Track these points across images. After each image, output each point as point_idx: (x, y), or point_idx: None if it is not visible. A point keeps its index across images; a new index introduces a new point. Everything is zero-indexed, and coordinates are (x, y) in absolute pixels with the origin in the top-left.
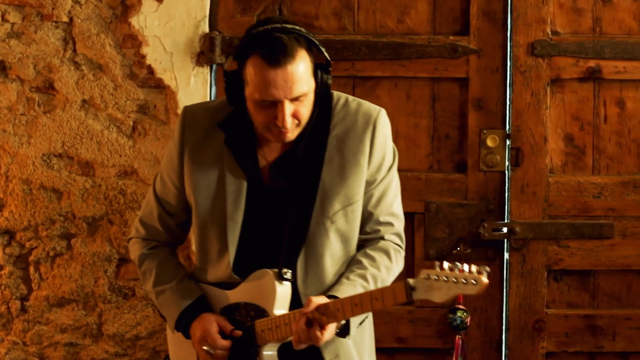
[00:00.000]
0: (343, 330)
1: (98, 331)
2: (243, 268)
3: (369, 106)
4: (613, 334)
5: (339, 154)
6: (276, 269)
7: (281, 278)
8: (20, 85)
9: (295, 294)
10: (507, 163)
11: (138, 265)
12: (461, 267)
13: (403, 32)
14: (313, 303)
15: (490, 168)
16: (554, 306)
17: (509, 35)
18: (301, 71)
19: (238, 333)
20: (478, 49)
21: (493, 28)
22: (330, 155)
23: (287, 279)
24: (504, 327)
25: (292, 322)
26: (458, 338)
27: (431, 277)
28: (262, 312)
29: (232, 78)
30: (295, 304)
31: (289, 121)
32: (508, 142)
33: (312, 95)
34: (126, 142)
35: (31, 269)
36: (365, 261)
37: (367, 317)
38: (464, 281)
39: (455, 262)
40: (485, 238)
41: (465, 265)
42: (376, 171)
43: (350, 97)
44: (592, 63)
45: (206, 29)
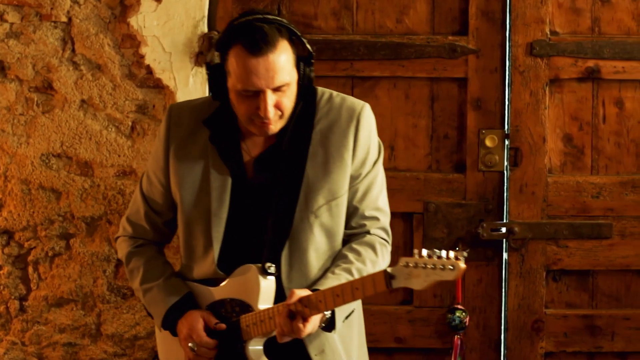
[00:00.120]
0: (329, 324)
1: (97, 331)
2: (228, 264)
3: (353, 101)
4: (612, 334)
5: (323, 149)
6: (260, 264)
7: (265, 272)
8: (19, 85)
9: (279, 289)
10: (506, 163)
11: (125, 263)
12: (439, 254)
13: (402, 32)
14: (295, 295)
15: (489, 168)
16: (553, 306)
17: (508, 35)
18: (283, 61)
19: (222, 326)
20: (477, 49)
21: (492, 28)
22: (314, 149)
23: (271, 274)
24: (503, 327)
25: (276, 316)
26: (457, 338)
27: (410, 265)
28: (247, 307)
29: (215, 71)
30: (280, 299)
31: (272, 111)
32: (507, 142)
33: (295, 87)
34: (125, 142)
35: (30, 269)
36: (350, 255)
37: (355, 312)
38: (442, 267)
39: (434, 250)
40: (484, 238)
41: (443, 251)
42: (360, 166)
43: (334, 92)
44: (591, 63)
45: (205, 29)
